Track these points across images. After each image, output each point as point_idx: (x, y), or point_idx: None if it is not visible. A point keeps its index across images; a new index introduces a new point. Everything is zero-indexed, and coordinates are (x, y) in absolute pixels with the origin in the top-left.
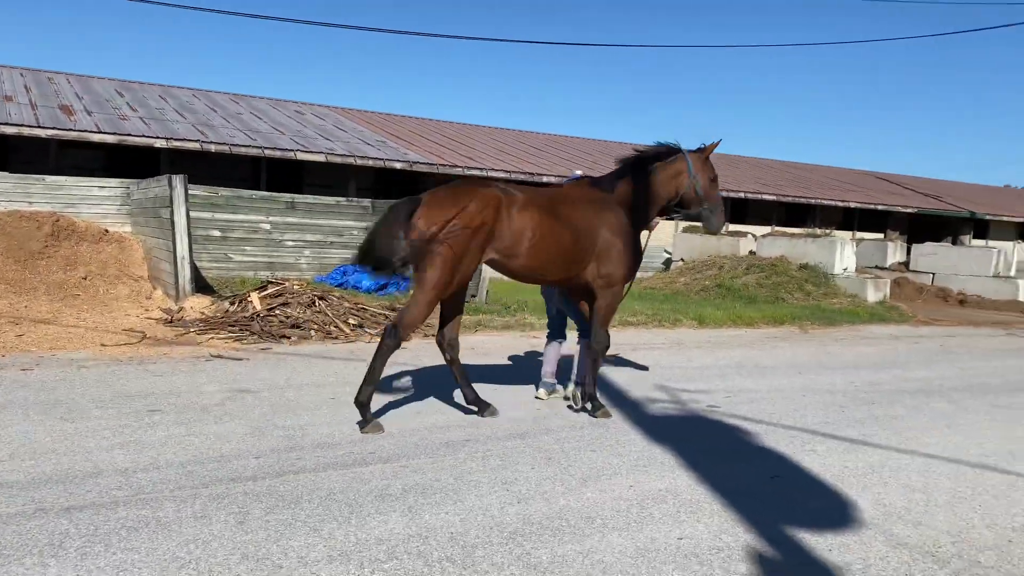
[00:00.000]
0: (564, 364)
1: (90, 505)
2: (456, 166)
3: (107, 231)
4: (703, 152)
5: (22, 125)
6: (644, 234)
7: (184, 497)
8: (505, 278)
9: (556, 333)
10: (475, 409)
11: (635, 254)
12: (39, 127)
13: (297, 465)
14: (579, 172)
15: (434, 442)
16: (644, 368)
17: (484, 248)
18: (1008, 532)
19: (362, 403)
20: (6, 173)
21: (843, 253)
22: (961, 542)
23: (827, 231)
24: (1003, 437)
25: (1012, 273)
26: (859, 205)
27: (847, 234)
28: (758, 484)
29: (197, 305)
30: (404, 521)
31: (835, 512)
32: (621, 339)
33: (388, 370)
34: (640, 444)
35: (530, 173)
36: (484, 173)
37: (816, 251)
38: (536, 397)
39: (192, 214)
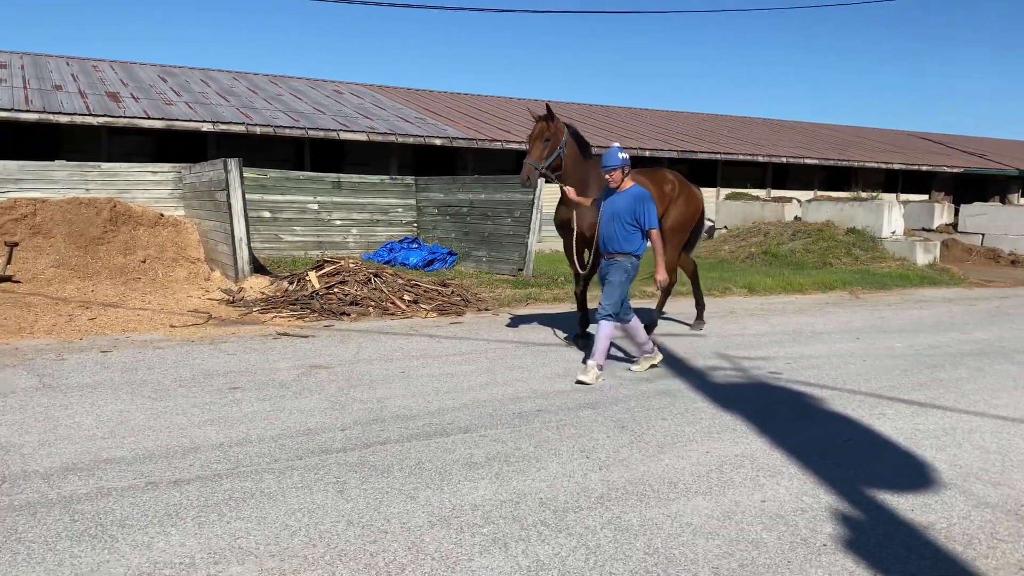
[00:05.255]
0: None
1: (196, 478)
2: (495, 140)
3: (162, 215)
4: None
5: (74, 114)
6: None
7: (281, 469)
8: (547, 252)
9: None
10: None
11: None
12: (91, 115)
13: (382, 436)
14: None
15: (507, 413)
16: (701, 336)
17: None
18: None
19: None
20: (63, 161)
21: (891, 216)
22: None
23: (874, 194)
24: None
25: None
26: (902, 166)
27: (892, 196)
28: (832, 447)
29: (256, 285)
30: (493, 487)
31: (912, 473)
32: (673, 309)
33: (448, 346)
34: (709, 412)
35: None
36: (523, 146)
37: (863, 215)
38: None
39: None
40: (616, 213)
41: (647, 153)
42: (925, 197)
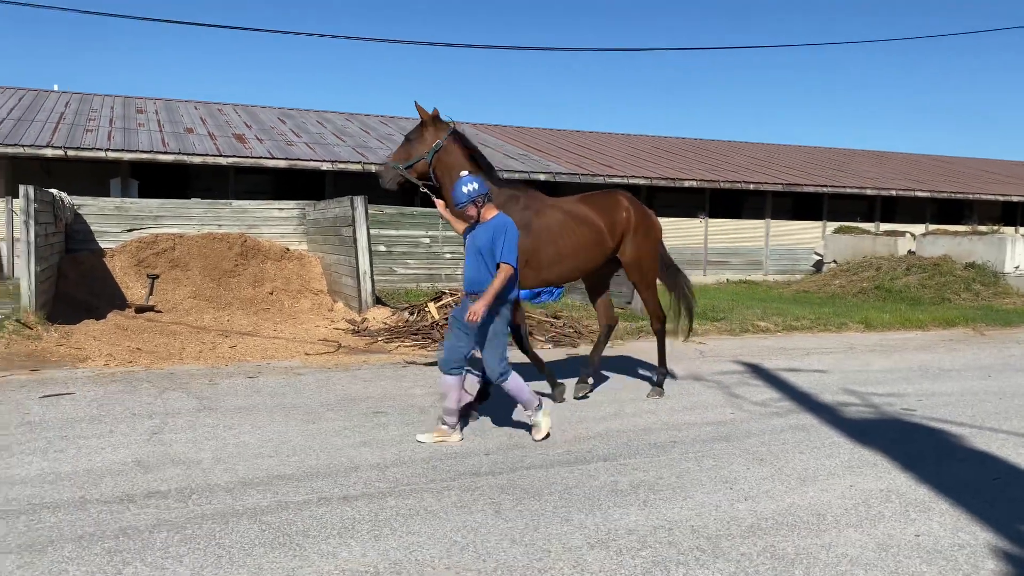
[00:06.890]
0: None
1: (362, 495)
2: (597, 175)
3: (288, 249)
4: None
5: (206, 155)
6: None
7: (439, 489)
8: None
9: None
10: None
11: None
12: (221, 156)
13: (526, 462)
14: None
15: (642, 443)
16: (823, 371)
17: None
18: None
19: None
20: (198, 200)
21: (1015, 250)
22: None
23: (994, 227)
24: None
25: None
26: (1022, 198)
27: (1011, 230)
28: (980, 485)
29: (378, 316)
30: (643, 514)
31: None
32: (789, 344)
33: (568, 376)
34: (847, 447)
35: (670, 178)
36: (624, 181)
37: (984, 249)
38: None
39: None
40: (477, 248)
41: (751, 187)
42: None
